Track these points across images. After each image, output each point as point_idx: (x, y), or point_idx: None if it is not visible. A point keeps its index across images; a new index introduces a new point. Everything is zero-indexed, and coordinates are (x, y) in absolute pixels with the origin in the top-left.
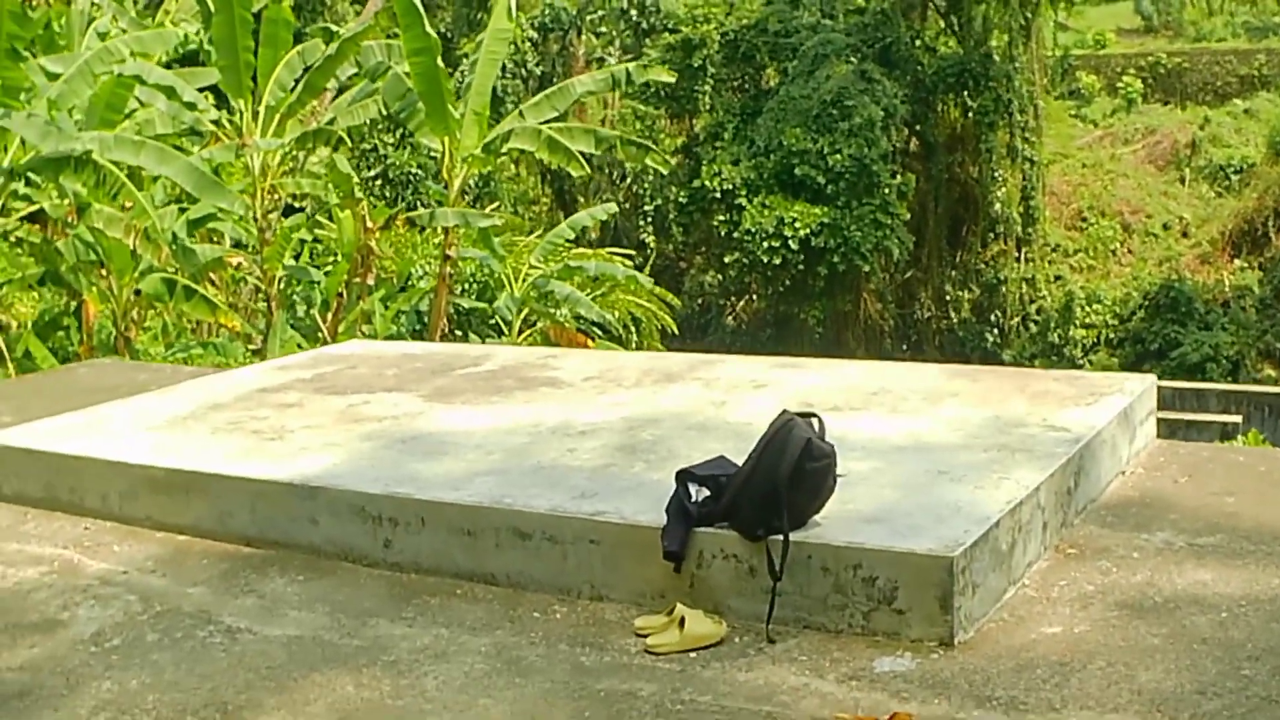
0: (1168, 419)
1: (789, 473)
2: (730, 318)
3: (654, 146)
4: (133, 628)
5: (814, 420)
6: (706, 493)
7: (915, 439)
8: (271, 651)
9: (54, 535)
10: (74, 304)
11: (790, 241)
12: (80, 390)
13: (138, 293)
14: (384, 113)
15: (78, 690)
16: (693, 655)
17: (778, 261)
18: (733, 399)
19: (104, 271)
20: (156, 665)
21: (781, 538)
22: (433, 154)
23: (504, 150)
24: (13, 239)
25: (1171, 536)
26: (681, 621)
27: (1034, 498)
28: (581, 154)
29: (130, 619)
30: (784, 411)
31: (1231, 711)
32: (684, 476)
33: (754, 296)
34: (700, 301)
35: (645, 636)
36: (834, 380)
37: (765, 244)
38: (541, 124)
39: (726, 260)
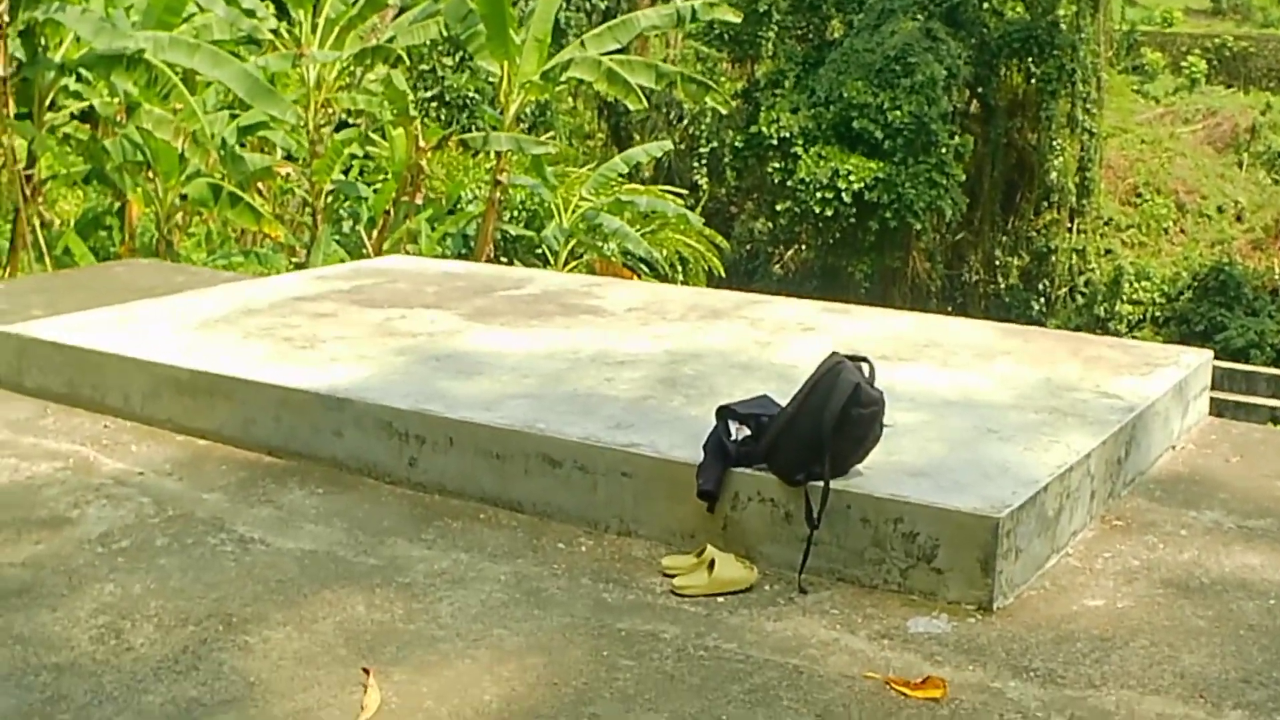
0: (1216, 398)
1: (835, 417)
2: (778, 266)
3: (714, 86)
4: (142, 530)
5: (864, 365)
6: (747, 432)
7: (965, 395)
8: (283, 564)
9: (72, 432)
10: (118, 204)
11: (843, 194)
12: (115, 288)
13: (183, 197)
14: (444, 34)
15: (79, 590)
16: (720, 600)
17: (829, 213)
18: (779, 340)
19: (150, 173)
20: (163, 570)
21: (821, 484)
22: (491, 79)
23: (563, 79)
24: (60, 135)
25: (1221, 516)
26: (711, 564)
27: (1084, 464)
28: (640, 89)
29: (141, 521)
30: (833, 353)
31: (1277, 703)
32: (725, 413)
33: (803, 246)
34: (749, 248)
35: (672, 577)
36: (884, 329)
37: (818, 194)
38: (602, 55)
39: (778, 208)
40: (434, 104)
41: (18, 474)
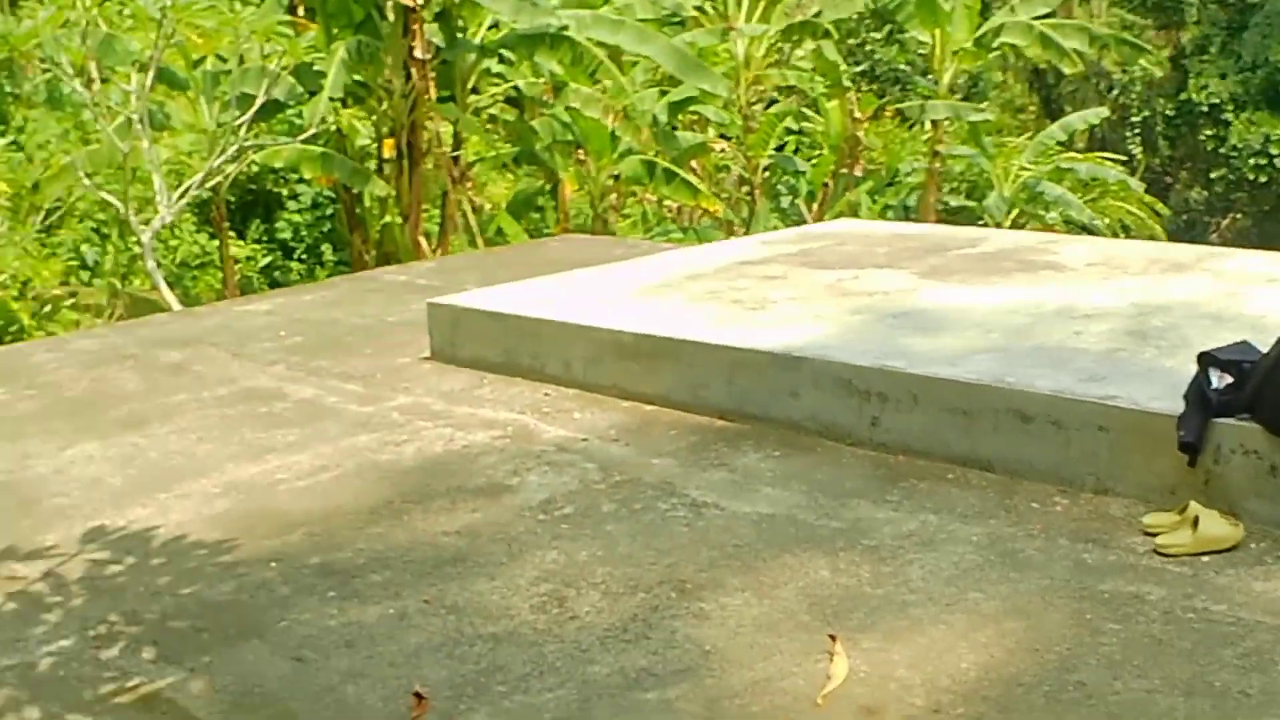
0: None
1: None
2: (1215, 235)
3: (1147, 48)
4: (587, 497)
5: None
6: (1229, 380)
7: None
8: (739, 529)
9: (510, 400)
10: (549, 185)
11: (1276, 160)
12: (549, 262)
13: (615, 177)
14: (871, 6)
15: (519, 558)
16: (1205, 559)
17: (1264, 179)
18: (1245, 291)
19: (581, 153)
20: (610, 537)
21: None
22: (921, 51)
23: (995, 45)
24: (486, 117)
25: None
26: (1195, 521)
27: None
28: (1074, 54)
29: (585, 488)
30: None
31: None
32: (1206, 360)
33: (1239, 214)
34: (1185, 217)
35: (1154, 535)
36: None
37: (1251, 161)
38: (1033, 20)
39: (1213, 176)
40: (864, 78)
41: (453, 443)
